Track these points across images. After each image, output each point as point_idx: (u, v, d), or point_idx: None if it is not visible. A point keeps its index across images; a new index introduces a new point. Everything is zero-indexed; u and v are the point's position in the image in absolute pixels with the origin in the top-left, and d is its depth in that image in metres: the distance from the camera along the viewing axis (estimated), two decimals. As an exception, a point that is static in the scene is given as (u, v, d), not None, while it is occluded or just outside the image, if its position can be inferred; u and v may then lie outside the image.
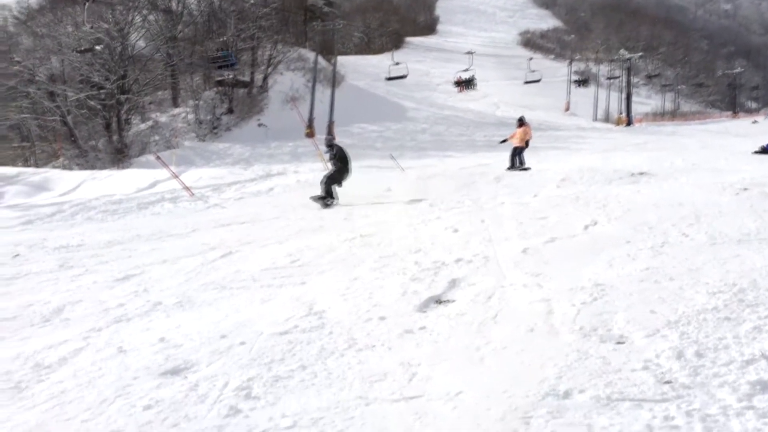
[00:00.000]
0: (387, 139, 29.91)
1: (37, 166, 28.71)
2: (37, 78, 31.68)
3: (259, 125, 31.88)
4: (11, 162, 29.40)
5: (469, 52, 44.74)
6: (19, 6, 41.33)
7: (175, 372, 3.92)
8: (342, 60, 40.46)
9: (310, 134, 28.39)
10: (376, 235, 8.40)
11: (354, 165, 12.69)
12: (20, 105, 32.07)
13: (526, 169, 15.62)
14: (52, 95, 31.97)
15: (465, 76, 44.99)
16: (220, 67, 31.38)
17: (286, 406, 3.38)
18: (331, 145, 12.29)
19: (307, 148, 25.66)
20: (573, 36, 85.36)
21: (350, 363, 3.96)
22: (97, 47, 29.35)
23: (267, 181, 17.09)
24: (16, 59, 31.99)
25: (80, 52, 29.40)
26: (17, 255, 7.91)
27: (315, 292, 5.65)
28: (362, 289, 5.68)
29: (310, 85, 33.09)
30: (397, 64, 37.00)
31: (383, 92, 42.35)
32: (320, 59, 35.57)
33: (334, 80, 33.70)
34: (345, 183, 12.05)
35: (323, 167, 20.20)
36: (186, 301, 5.56)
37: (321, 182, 11.98)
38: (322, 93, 32.57)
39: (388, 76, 38.36)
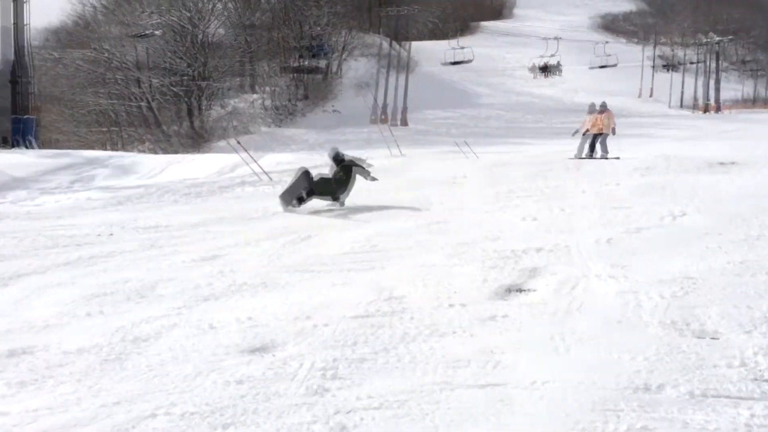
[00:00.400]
0: (460, 125, 29.68)
1: (124, 149, 30.03)
2: (123, 65, 33.06)
3: (333, 111, 32.27)
4: (101, 146, 30.88)
5: (556, 38, 43.46)
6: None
7: (263, 350, 4.05)
8: (415, 46, 40.28)
9: (384, 120, 28.52)
10: (452, 221, 8.38)
11: (427, 151, 12.62)
12: (109, 91, 33.60)
13: (608, 158, 15.12)
14: (137, 82, 33.31)
15: (549, 61, 43.79)
16: (314, 56, 32.34)
17: (371, 387, 3.44)
18: (340, 159, 10.25)
19: (379, 134, 25.72)
20: (656, 19, 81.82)
21: (433, 348, 3.99)
22: (157, 32, 30.33)
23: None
24: (105, 47, 33.46)
25: (138, 36, 30.46)
26: (111, 234, 8.32)
27: (394, 277, 5.71)
28: (441, 275, 5.70)
29: (383, 71, 33.16)
30: (462, 48, 36.40)
31: (457, 78, 41.93)
32: (393, 45, 35.56)
33: (408, 66, 33.67)
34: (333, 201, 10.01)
35: (390, 153, 20.20)
36: (269, 282, 5.72)
37: (311, 178, 10.03)
38: (395, 79, 32.56)
39: (451, 61, 37.72)
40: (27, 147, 26.06)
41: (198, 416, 3.12)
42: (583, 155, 15.59)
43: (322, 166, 17.63)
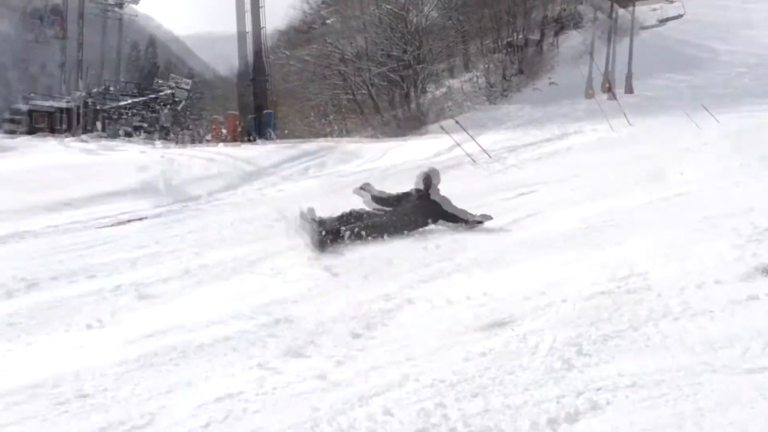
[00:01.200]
0: (695, 87, 26.89)
1: (348, 137, 32.03)
2: (345, 56, 35.17)
3: (550, 84, 31.24)
4: (328, 134, 33.25)
5: None
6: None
7: (501, 324, 4.06)
8: (639, 7, 37.20)
9: (607, 90, 26.95)
10: (694, 193, 7.70)
11: (657, 119, 11.56)
12: (332, 83, 36.04)
13: None
14: (358, 71, 35.25)
15: None
16: (562, 28, 33.02)
17: (621, 365, 3.28)
18: (427, 189, 7.46)
19: (602, 104, 24.37)
20: None
21: (686, 327, 3.69)
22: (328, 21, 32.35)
23: (563, 141, 16.70)
24: (329, 41, 35.86)
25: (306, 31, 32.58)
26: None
27: (633, 253, 5.38)
28: (687, 250, 5.25)
29: (604, 37, 31.25)
30: (671, 2, 32.76)
31: (689, 37, 37.88)
32: (615, 9, 33.31)
33: (632, 30, 31.34)
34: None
35: (611, 126, 18.92)
36: (500, 259, 5.73)
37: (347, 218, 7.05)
38: (625, 44, 30.43)
39: (659, 19, 34.03)
40: (267, 139, 29.05)
41: (446, 384, 3.23)
42: None
43: (541, 141, 17.18)
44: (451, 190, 10.50)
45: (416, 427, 2.81)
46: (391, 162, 17.73)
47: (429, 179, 7.50)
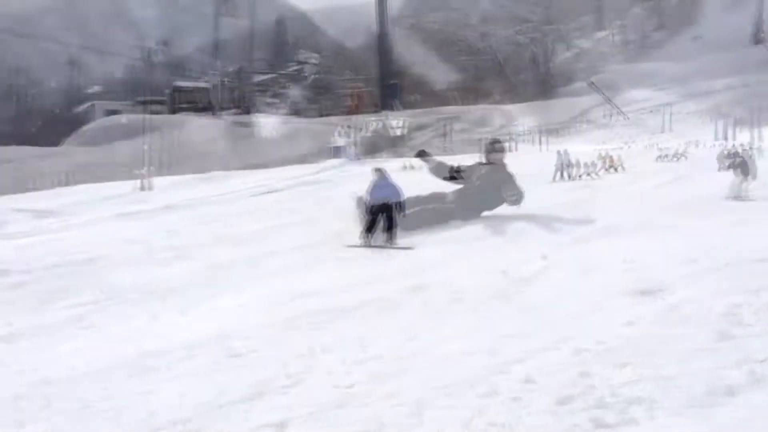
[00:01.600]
0: None
1: (476, 103, 31.46)
2: (471, 22, 34.48)
3: (694, 38, 28.84)
4: (454, 101, 32.84)
5: None
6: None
7: (649, 292, 3.85)
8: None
9: (761, 39, 24.48)
10: None
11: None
12: (458, 49, 35.49)
13: None
14: (483, 36, 34.46)
15: None
16: None
17: (789, 336, 3.00)
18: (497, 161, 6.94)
19: (754, 56, 22.21)
20: None
21: None
22: None
23: (711, 98, 15.44)
24: (454, 8, 35.28)
25: None
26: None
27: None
28: None
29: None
30: None
31: None
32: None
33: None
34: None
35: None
36: (646, 223, 5.45)
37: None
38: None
39: None
40: (393, 110, 29.27)
41: (592, 353, 3.10)
42: None
43: (683, 100, 15.95)
44: (587, 156, 10.10)
45: (560, 395, 2.72)
46: (524, 126, 17.29)
47: (501, 149, 7.08)
